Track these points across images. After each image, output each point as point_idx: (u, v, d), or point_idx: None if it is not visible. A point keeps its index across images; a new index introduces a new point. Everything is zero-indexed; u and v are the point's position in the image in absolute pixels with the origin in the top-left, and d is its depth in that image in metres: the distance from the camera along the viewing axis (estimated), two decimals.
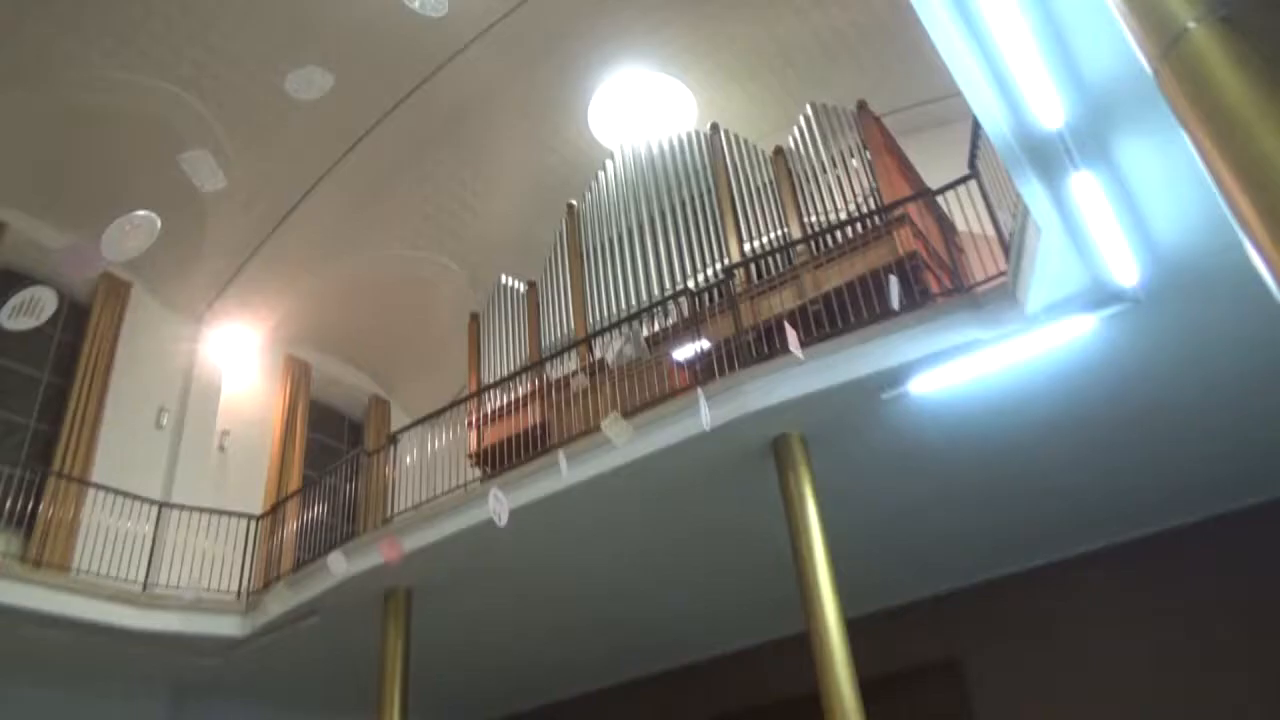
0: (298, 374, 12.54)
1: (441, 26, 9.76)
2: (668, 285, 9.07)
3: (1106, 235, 5.04)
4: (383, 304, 12.78)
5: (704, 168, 9.66)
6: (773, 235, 8.67)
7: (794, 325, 6.94)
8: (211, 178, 3.63)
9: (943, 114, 10.43)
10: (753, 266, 8.52)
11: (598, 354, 9.07)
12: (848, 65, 10.99)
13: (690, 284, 8.89)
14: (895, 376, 6.14)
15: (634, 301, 9.23)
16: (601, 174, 10.54)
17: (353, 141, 10.87)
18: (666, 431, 6.66)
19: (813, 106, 9.16)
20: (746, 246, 8.81)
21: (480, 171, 11.92)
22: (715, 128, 9.85)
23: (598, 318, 9.43)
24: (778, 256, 8.35)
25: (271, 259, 11.63)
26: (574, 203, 10.62)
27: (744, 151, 9.48)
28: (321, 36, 9.57)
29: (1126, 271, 5.33)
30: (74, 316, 10.98)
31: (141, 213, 3.42)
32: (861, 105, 8.76)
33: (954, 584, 8.67)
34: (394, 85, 10.54)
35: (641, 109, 11.51)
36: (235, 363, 12.03)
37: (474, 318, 10.80)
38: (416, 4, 3.71)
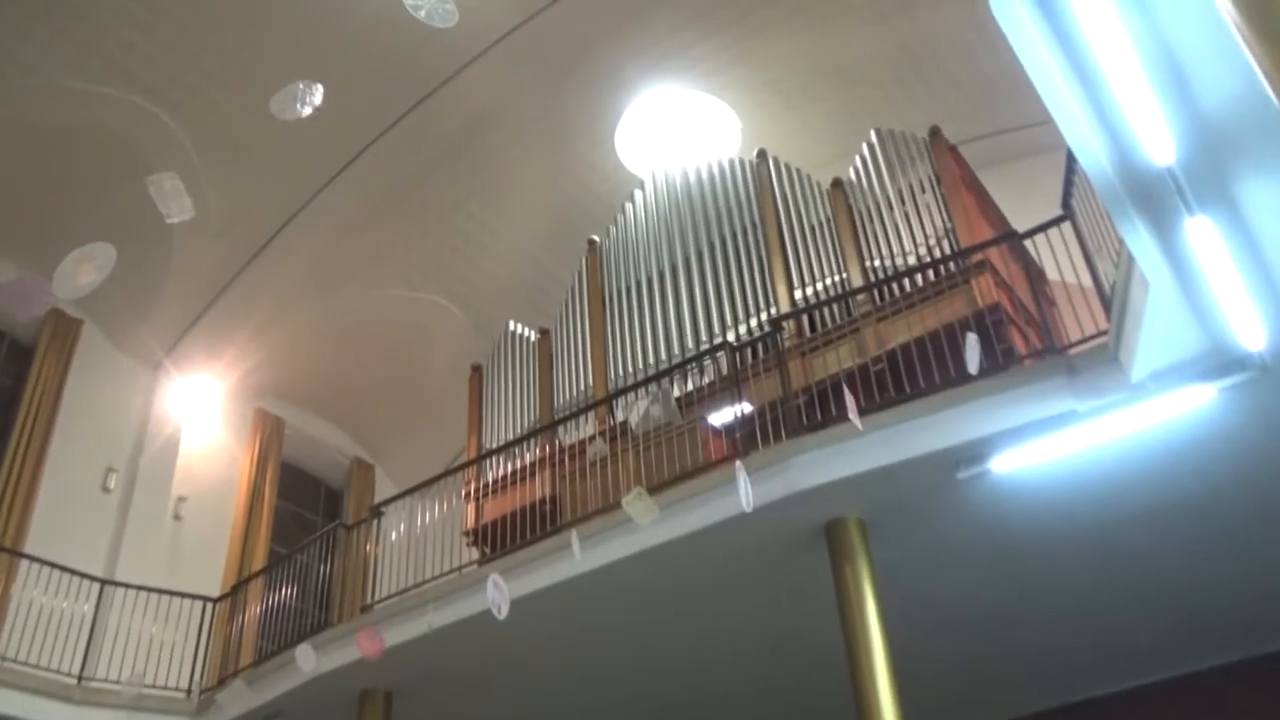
0: (268, 431, 12.60)
1: (447, 36, 9.95)
2: (704, 338, 9.08)
3: (1228, 291, 4.97)
4: (370, 352, 12.92)
5: (749, 201, 9.74)
6: (829, 281, 8.69)
7: (853, 388, 6.90)
8: (180, 206, 3.70)
9: (1029, 144, 10.47)
10: (805, 318, 8.51)
11: (620, 416, 9.05)
12: (918, 86, 11.11)
13: (731, 337, 8.90)
14: (973, 452, 6.08)
15: (664, 356, 9.25)
16: (629, 206, 10.64)
17: (342, 165, 11.07)
18: (699, 511, 6.61)
19: (878, 133, 9.23)
20: (798, 294, 8.82)
21: (488, 202, 12.08)
22: (763, 155, 9.95)
23: (621, 374, 9.45)
24: (834, 307, 8.34)
25: (243, 297, 11.78)
26: (596, 239, 10.71)
27: (796, 183, 9.56)
28: (311, 46, 9.81)
29: (1251, 334, 5.26)
30: (15, 357, 11.09)
31: (97, 244, 3.48)
32: (934, 132, 8.81)
33: (1039, 705, 8.47)
34: (391, 102, 10.76)
35: (677, 132, 11.67)
36: (196, 417, 12.12)
37: (476, 370, 10.84)
38: (423, 13, 3.80)
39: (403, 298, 12.60)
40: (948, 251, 8.03)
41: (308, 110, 3.98)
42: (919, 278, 7.90)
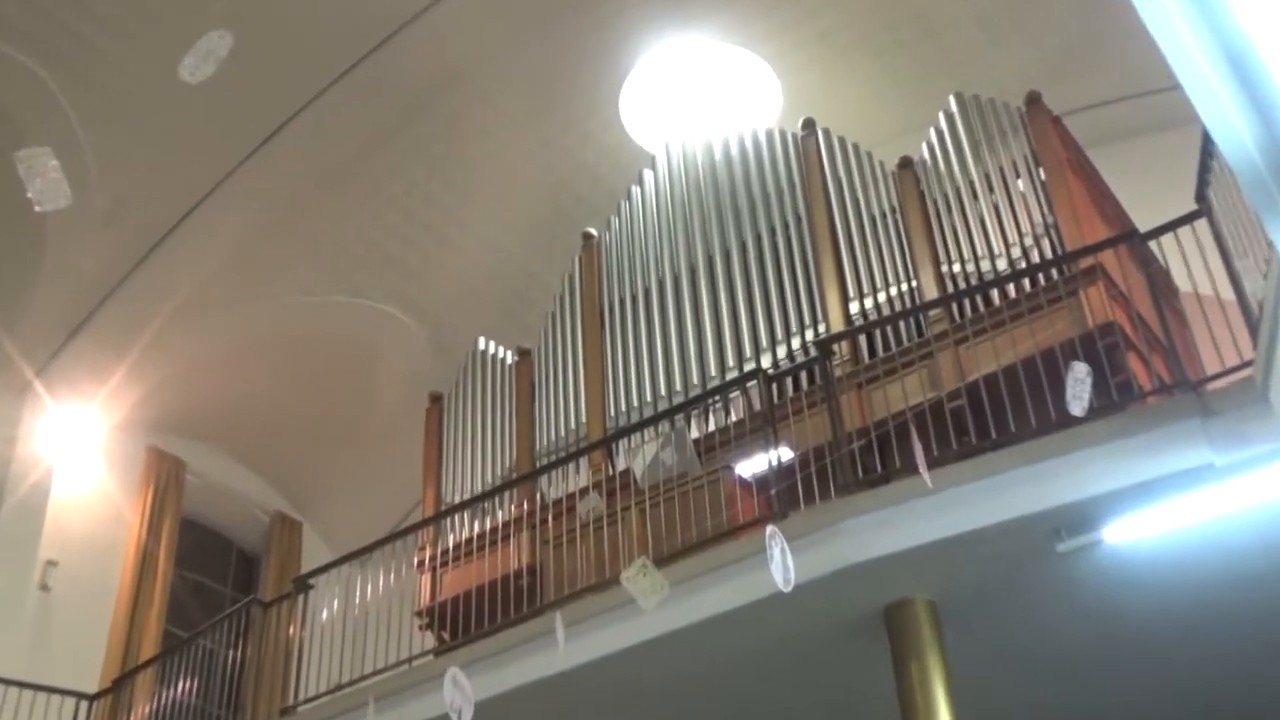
0: (164, 477, 12.64)
1: None
2: (730, 363, 9.10)
3: None
4: (298, 376, 12.94)
5: (791, 185, 9.78)
6: (893, 292, 8.71)
7: (923, 432, 6.90)
8: (54, 191, 3.75)
9: (1151, 115, 10.50)
10: (862, 339, 8.53)
11: (621, 464, 9.06)
12: (1012, 38, 11.16)
13: (766, 362, 8.92)
14: (1079, 518, 6.08)
15: (678, 386, 9.26)
16: (636, 190, 10.70)
17: (265, 135, 11.13)
18: (722, 590, 6.60)
19: (959, 99, 9.27)
20: (853, 307, 8.84)
21: (454, 182, 12.14)
22: (810, 126, 10.00)
23: (623, 409, 9.47)
24: (901, 324, 8.36)
25: (136, 303, 11.82)
26: (593, 233, 10.77)
27: (853, 162, 9.60)
28: None
29: None
30: None
31: None
32: (1033, 99, 8.85)
33: None
34: (330, 55, 10.81)
35: (698, 96, 11.73)
36: (73, 458, 12.16)
37: (435, 401, 10.87)
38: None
39: (341, 306, 12.63)
40: (1048, 253, 8.05)
41: (213, 64, 4.05)
42: (1010, 288, 7.91)
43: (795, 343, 8.93)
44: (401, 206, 12.19)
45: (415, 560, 9.76)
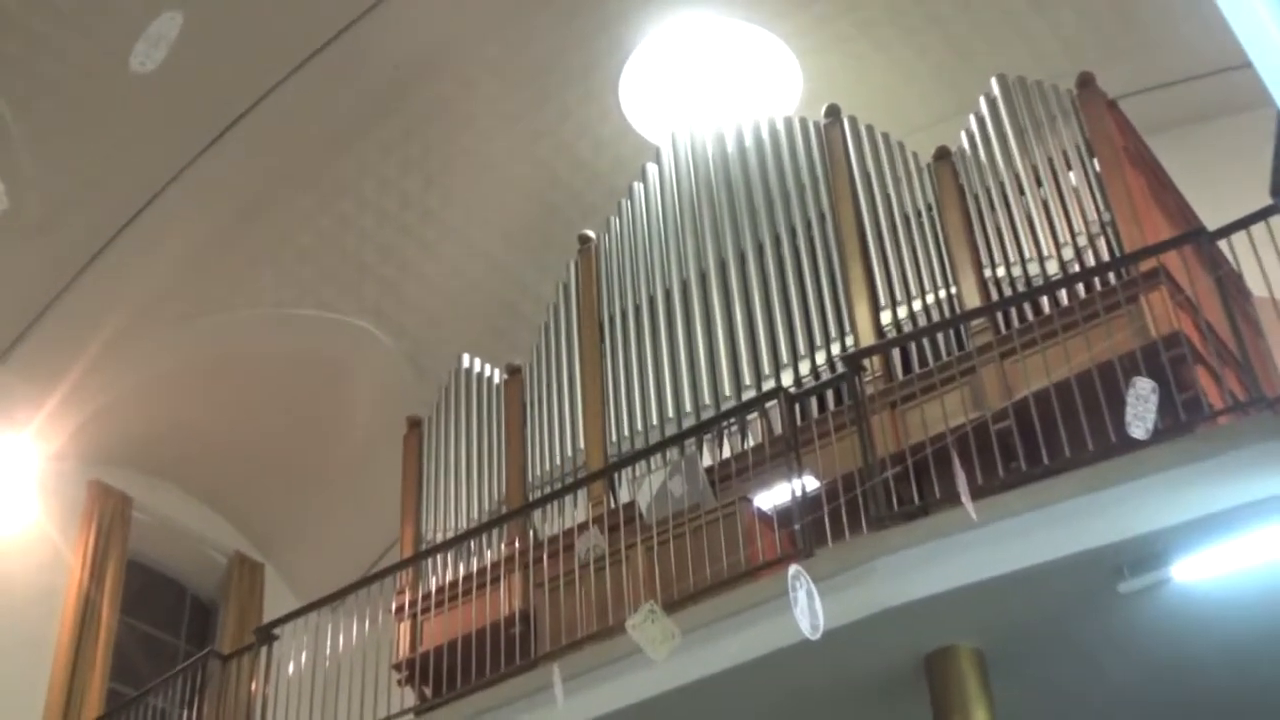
0: (108, 514, 12.62)
1: None
2: (747, 381, 9.12)
3: None
4: (259, 400, 12.93)
5: (815, 180, 9.79)
6: (931, 299, 8.72)
7: (965, 457, 6.90)
8: None
9: (1218, 99, 10.52)
10: (896, 352, 8.53)
11: (624, 496, 9.05)
12: (1061, 13, 11.16)
13: (787, 380, 8.92)
14: (1143, 554, 6.08)
15: (687, 408, 9.28)
16: (638, 188, 10.72)
17: (221, 129, 11.13)
18: (741, 638, 6.60)
19: (1001, 82, 9.28)
20: (885, 317, 8.85)
21: (434, 181, 12.16)
22: (834, 113, 10.02)
23: (625, 433, 9.48)
24: (939, 336, 8.36)
25: (75, 318, 11.80)
26: (590, 235, 10.79)
27: (883, 154, 9.61)
28: None
29: None
30: None
31: None
32: (1086, 81, 8.86)
33: None
34: (294, 39, 10.81)
35: (708, 81, 11.76)
36: (3, 494, 12.14)
37: (414, 426, 10.87)
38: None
39: (307, 320, 12.62)
40: (1104, 255, 8.05)
41: (164, 49, 4.10)
42: (1062, 294, 7.92)
43: (820, 358, 8.93)
44: (375, 208, 12.19)
45: (393, 606, 9.74)
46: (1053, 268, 8.24)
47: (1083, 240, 8.23)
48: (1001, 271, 8.48)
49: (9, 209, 10.60)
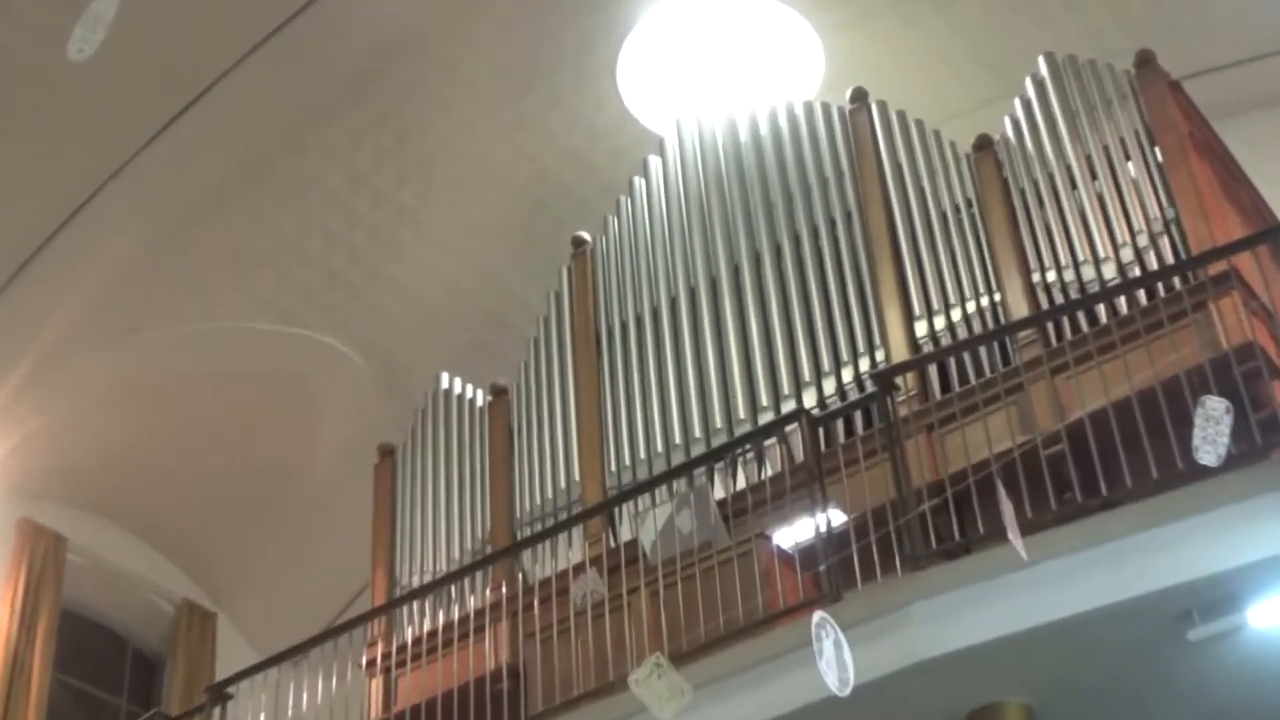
0: (40, 557, 12.59)
1: None
2: (764, 402, 9.12)
3: None
4: (209, 426, 12.90)
5: (840, 173, 9.81)
6: (972, 307, 8.73)
7: (1012, 487, 6.88)
8: None
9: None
10: (933, 368, 8.53)
11: (625, 534, 9.05)
12: None
13: (809, 400, 8.93)
14: (1216, 596, 6.07)
15: (696, 433, 9.28)
16: (639, 182, 10.74)
17: (167, 119, 11.13)
18: (759, 694, 6.59)
19: (1050, 61, 9.30)
20: (919, 328, 8.86)
21: (409, 176, 12.18)
22: (861, 97, 10.04)
23: (625, 461, 9.49)
24: (981, 350, 8.36)
25: (2, 334, 11.82)
26: (586, 237, 10.80)
27: (917, 143, 9.63)
28: None
29: None
30: None
31: None
32: (1146, 60, 8.88)
33: None
34: (246, 18, 10.78)
35: (718, 62, 11.76)
36: None
37: (386, 456, 10.88)
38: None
39: (264, 336, 12.61)
40: (1168, 257, 8.05)
41: (101, 34, 4.11)
42: (1121, 301, 7.91)
43: (847, 375, 8.94)
44: (342, 207, 12.19)
45: (363, 660, 9.72)
46: (1110, 271, 8.24)
47: (1143, 240, 8.23)
48: (1051, 276, 8.49)
49: None
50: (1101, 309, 7.98)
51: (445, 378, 10.95)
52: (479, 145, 12.18)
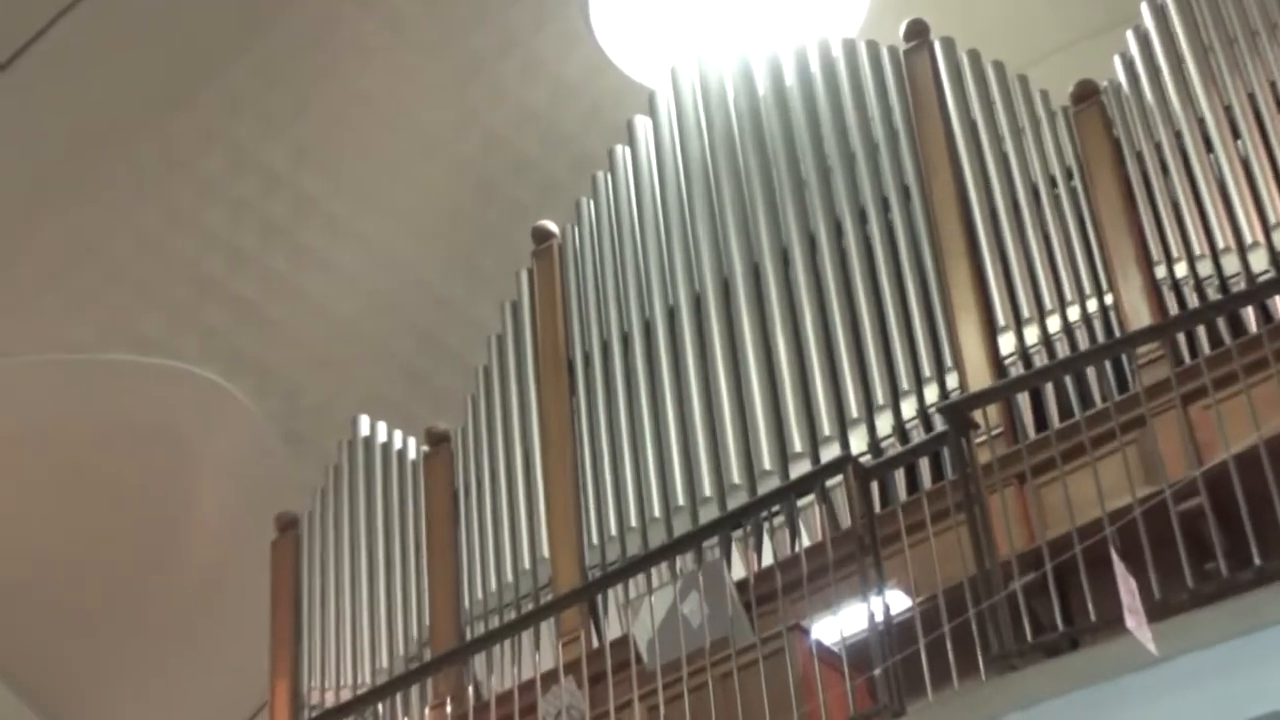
0: None
1: None
2: (797, 445, 9.12)
3: None
4: (45, 495, 12.93)
5: (893, 135, 9.84)
6: (1074, 314, 8.73)
7: (1133, 556, 6.85)
8: None
9: None
10: (1022, 398, 8.50)
11: (612, 628, 9.05)
12: None
13: (858, 443, 8.94)
14: None
15: (706, 489, 9.27)
16: (622, 153, 10.76)
17: None
18: None
19: None
20: (1005, 343, 8.85)
21: (312, 149, 12.23)
22: (919, 32, 10.07)
23: (610, 530, 9.49)
24: (1089, 370, 8.33)
25: None
26: (552, 228, 10.81)
27: (995, 93, 9.64)
28: None
29: None
30: None
31: None
32: None
33: None
34: None
35: None
36: None
37: (286, 528, 10.90)
38: None
39: (121, 371, 12.68)
40: None
41: None
42: (1276, 301, 7.90)
43: (908, 409, 8.95)
44: (223, 195, 12.25)
45: None
46: (1259, 262, 8.24)
47: None
48: (1181, 269, 8.49)
49: None
50: (1250, 314, 7.94)
51: (365, 422, 10.95)
52: (407, 105, 12.24)
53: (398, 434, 10.81)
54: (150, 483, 13.18)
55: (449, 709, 9.19)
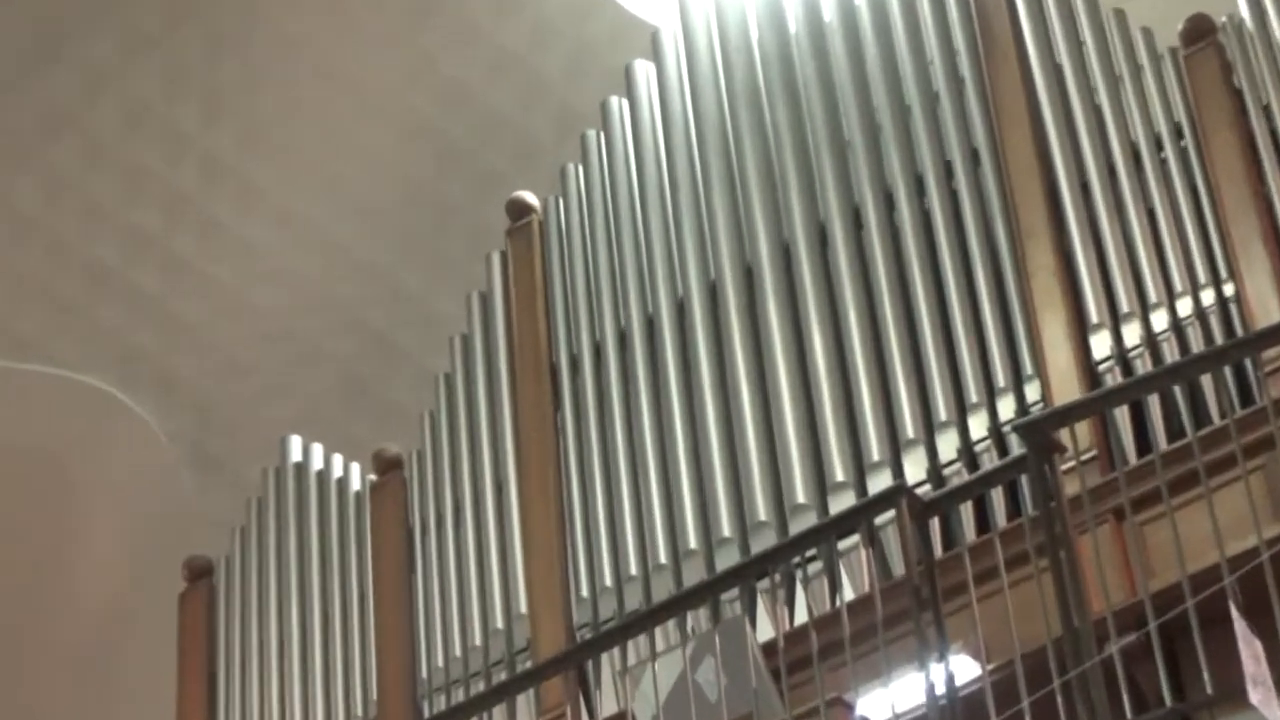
0: None
1: None
2: (837, 474, 9.15)
3: None
4: None
5: (957, 85, 9.89)
6: (1186, 307, 8.76)
7: (1258, 613, 6.85)
8: None
9: None
10: (1121, 413, 8.52)
11: (606, 701, 9.12)
12: None
13: (912, 469, 8.98)
14: None
15: (724, 528, 9.31)
16: (619, 107, 10.82)
17: None
18: None
19: None
20: (1099, 344, 8.88)
21: (232, 106, 12.29)
22: None
23: (605, 580, 9.53)
24: (1204, 380, 8.35)
25: None
26: (532, 201, 10.86)
27: (1087, 31, 9.67)
28: None
29: None
30: None
31: None
32: None
33: None
34: None
35: None
36: None
37: (199, 576, 10.92)
38: None
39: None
40: None
41: None
42: None
43: (977, 427, 8.98)
44: (123, 164, 12.31)
45: None
46: None
47: None
48: None
49: None
50: None
51: (297, 444, 10.98)
52: (348, 52, 12.29)
53: (337, 459, 10.84)
54: (24, 521, 13.22)
55: None
